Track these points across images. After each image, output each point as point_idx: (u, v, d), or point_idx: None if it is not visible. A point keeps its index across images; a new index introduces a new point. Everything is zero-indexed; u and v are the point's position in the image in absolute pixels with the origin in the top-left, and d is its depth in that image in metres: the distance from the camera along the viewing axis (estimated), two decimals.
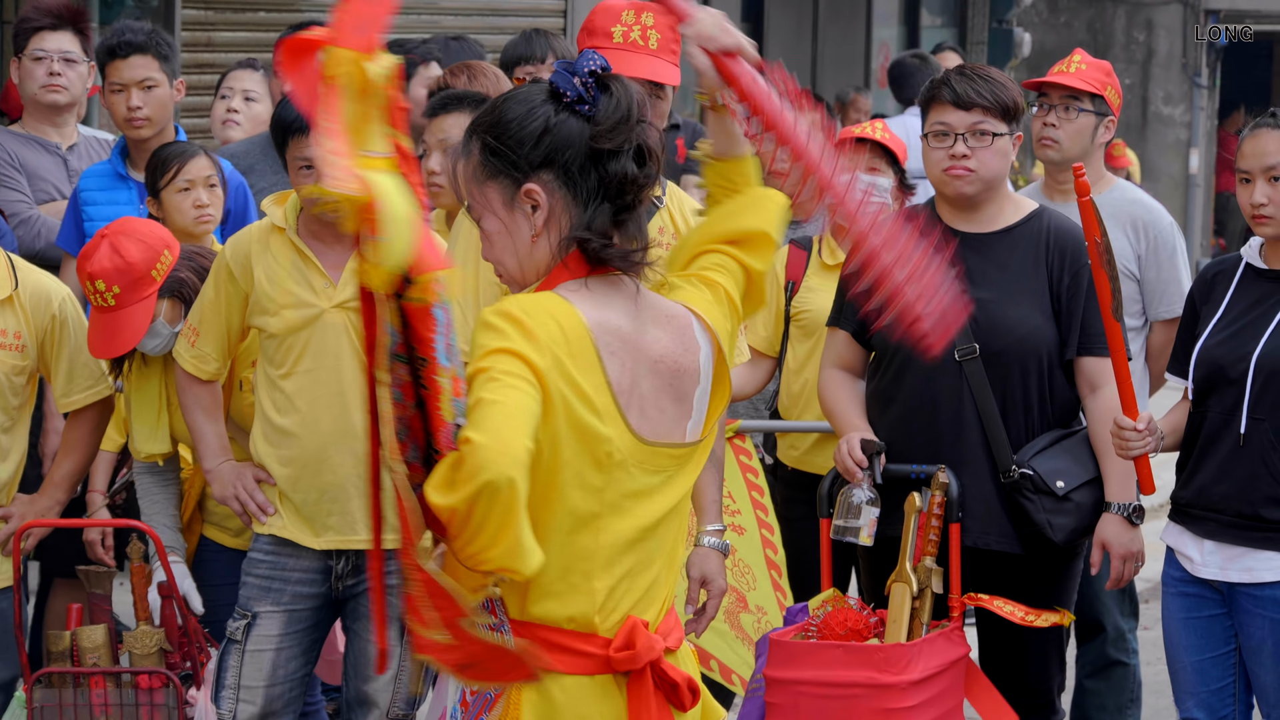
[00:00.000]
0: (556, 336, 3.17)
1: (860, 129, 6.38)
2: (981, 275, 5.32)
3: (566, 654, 3.27)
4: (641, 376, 3.28)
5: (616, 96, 3.26)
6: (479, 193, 3.32)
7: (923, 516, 5.24)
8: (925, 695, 5.12)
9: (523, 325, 3.15)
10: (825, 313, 5.80)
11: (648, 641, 3.29)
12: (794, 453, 6.30)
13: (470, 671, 3.24)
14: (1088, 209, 4.88)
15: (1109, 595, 6.39)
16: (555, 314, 3.19)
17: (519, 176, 3.26)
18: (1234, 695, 5.19)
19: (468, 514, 3.02)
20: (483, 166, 3.30)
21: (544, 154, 3.24)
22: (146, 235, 5.39)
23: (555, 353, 3.16)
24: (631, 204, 3.30)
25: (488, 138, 3.28)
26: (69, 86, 6.79)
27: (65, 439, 5.58)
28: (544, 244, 3.28)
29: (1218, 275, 5.27)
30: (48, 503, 5.50)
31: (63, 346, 5.44)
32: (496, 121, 3.28)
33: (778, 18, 14.74)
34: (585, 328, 3.21)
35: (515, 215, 3.29)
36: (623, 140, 3.25)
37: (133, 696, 5.28)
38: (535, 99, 3.27)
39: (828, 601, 5.38)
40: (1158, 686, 7.25)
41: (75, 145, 6.90)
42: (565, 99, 3.25)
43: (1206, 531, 5.15)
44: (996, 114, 5.29)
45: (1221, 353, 5.12)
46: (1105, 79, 6.43)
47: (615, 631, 3.29)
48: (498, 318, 3.16)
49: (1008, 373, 5.27)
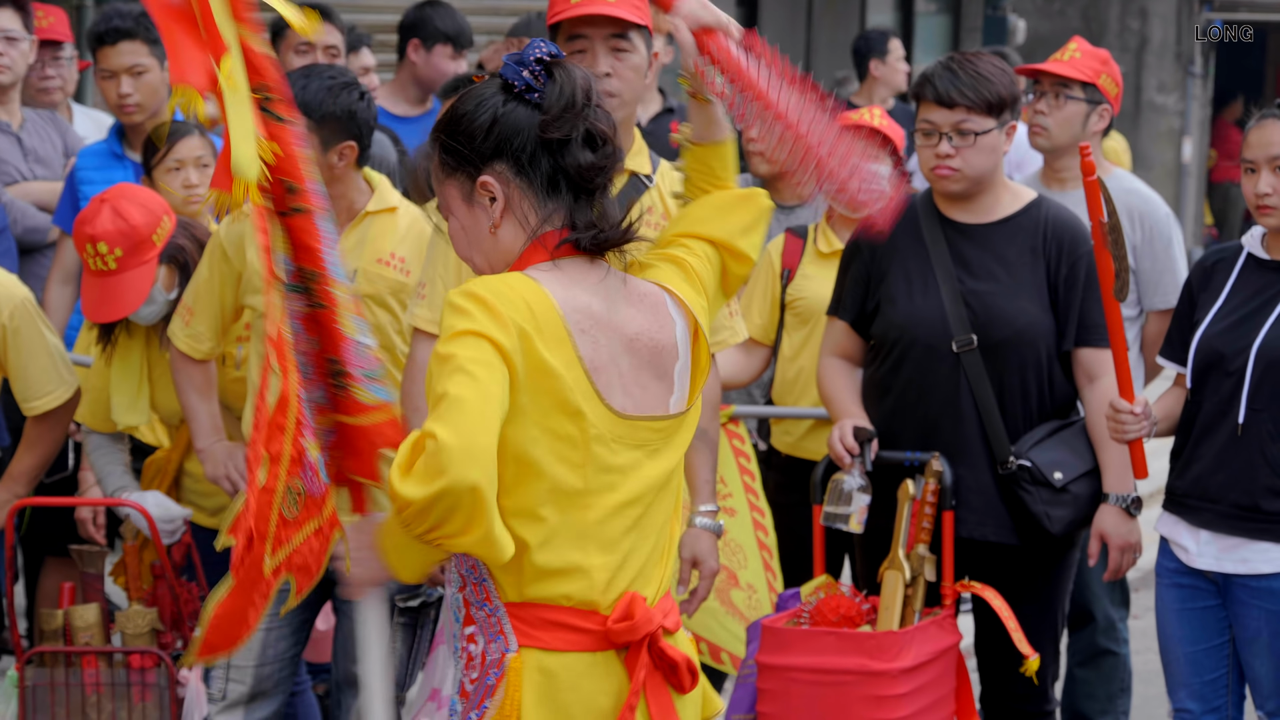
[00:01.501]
0: (524, 313, 3.20)
1: (858, 115, 6.38)
2: (979, 266, 5.32)
3: (566, 631, 3.30)
4: (618, 354, 3.31)
5: (560, 83, 3.29)
6: (441, 192, 3.38)
7: (916, 504, 5.25)
8: (916, 682, 5.13)
9: (487, 304, 3.18)
10: (820, 300, 5.80)
11: (646, 614, 3.32)
12: (788, 439, 6.30)
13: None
14: (1094, 188, 4.86)
15: (1099, 584, 6.40)
16: (523, 293, 3.22)
17: (473, 170, 3.30)
18: (1227, 686, 5.19)
19: (427, 509, 3.09)
20: (441, 166, 3.36)
21: (494, 144, 3.28)
22: (147, 200, 5.42)
23: (523, 327, 3.19)
24: (600, 187, 3.34)
25: (443, 136, 3.34)
26: (11, 66, 6.76)
27: (27, 435, 5.57)
28: (506, 233, 3.32)
29: (1218, 264, 5.26)
30: (4, 495, 5.49)
31: (17, 354, 5.43)
32: (450, 119, 3.34)
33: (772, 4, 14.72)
34: (554, 306, 3.24)
35: (474, 210, 3.33)
36: (570, 128, 3.28)
37: (124, 676, 5.28)
38: (486, 93, 3.31)
39: (820, 588, 5.38)
40: (1148, 675, 7.26)
41: (25, 123, 6.87)
42: (514, 89, 3.28)
43: (1202, 521, 5.15)
44: (981, 111, 5.26)
45: (1221, 342, 5.12)
46: (1100, 67, 6.42)
47: (612, 607, 3.32)
48: (463, 299, 3.20)
49: (1005, 364, 5.27)
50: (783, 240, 6.37)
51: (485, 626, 3.32)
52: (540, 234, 3.31)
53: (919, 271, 5.35)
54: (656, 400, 3.35)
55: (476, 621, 3.33)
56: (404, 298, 5.21)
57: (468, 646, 3.34)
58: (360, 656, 3.59)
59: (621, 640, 3.32)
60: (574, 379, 3.24)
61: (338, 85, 5.14)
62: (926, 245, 5.36)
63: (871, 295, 5.43)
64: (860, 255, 5.46)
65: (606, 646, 3.33)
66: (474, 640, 3.33)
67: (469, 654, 3.34)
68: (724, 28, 3.66)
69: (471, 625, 3.33)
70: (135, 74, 6.55)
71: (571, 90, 3.29)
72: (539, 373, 3.20)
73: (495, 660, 3.30)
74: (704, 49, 3.66)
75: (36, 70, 7.10)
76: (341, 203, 5.24)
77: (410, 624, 5.01)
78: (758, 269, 6.39)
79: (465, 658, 3.34)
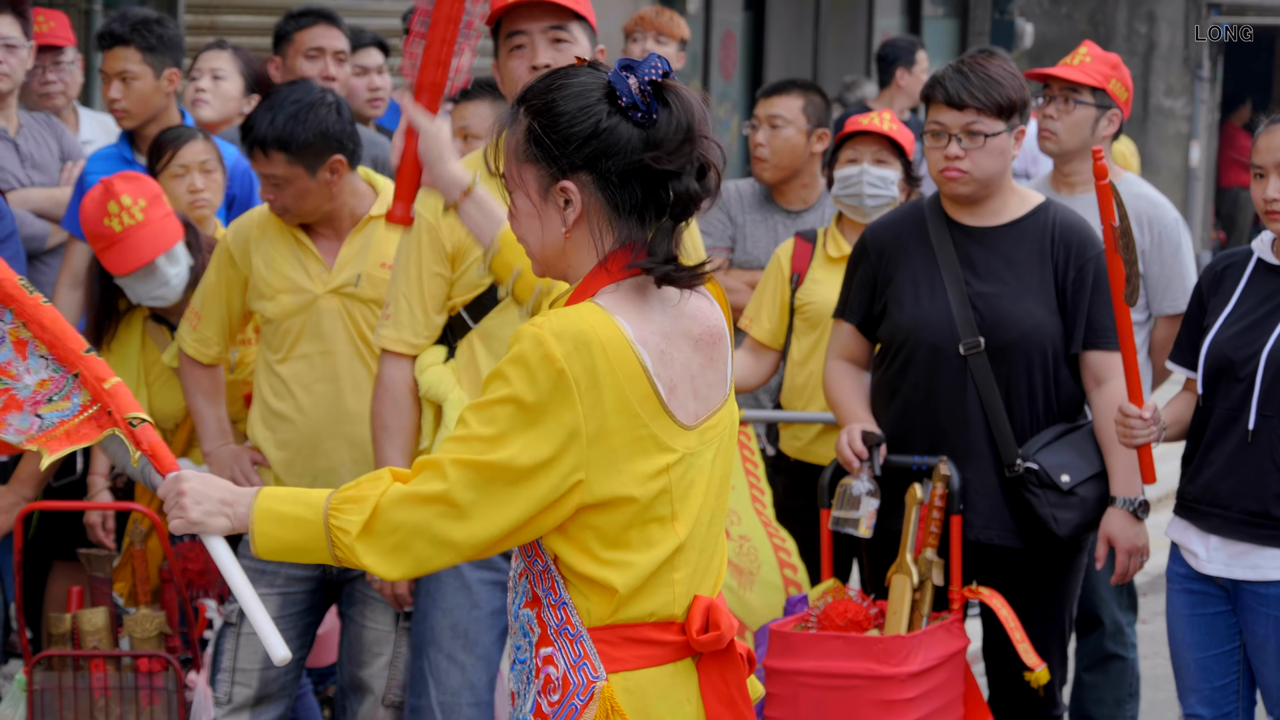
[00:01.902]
0: (600, 366, 3.14)
1: (868, 120, 6.37)
2: (987, 269, 5.32)
3: (649, 646, 3.25)
4: (689, 358, 3.26)
5: (677, 115, 3.17)
6: (516, 170, 3.26)
7: (924, 508, 5.24)
8: (924, 687, 5.13)
9: (562, 381, 3.12)
10: (830, 304, 5.80)
11: (729, 621, 3.28)
12: (796, 444, 6.31)
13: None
14: (1106, 192, 4.86)
15: (1107, 589, 6.39)
16: (598, 338, 3.15)
17: (557, 171, 3.20)
18: (1237, 692, 5.18)
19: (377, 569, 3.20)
20: (524, 148, 3.24)
21: (588, 156, 3.18)
22: (147, 180, 5.59)
23: (597, 380, 3.14)
24: (690, 216, 3.26)
25: (535, 124, 3.21)
26: (10, 72, 6.75)
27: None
28: (574, 239, 3.24)
29: (1228, 269, 5.25)
30: (12, 499, 5.52)
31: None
32: (547, 108, 3.21)
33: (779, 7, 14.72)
34: (626, 341, 3.17)
35: (548, 205, 3.24)
36: (685, 161, 3.18)
37: (132, 680, 5.29)
38: (590, 95, 3.18)
39: (828, 592, 5.38)
40: (1156, 680, 7.26)
41: (21, 129, 6.88)
42: (620, 102, 3.17)
43: (1212, 527, 5.14)
44: (991, 113, 5.26)
45: (1231, 348, 5.11)
46: (1110, 72, 6.41)
47: (685, 613, 3.27)
48: (540, 365, 3.13)
49: (1013, 367, 5.27)
50: (792, 244, 6.37)
51: (566, 651, 3.24)
52: (610, 254, 3.23)
53: (926, 274, 5.35)
54: (718, 392, 3.31)
55: (555, 644, 3.25)
56: None
57: (545, 668, 3.25)
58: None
59: (707, 651, 3.27)
60: (651, 412, 3.18)
61: (302, 109, 5.15)
62: (934, 248, 5.36)
63: (878, 298, 5.43)
64: (867, 258, 5.46)
65: (686, 655, 3.28)
66: (553, 663, 3.25)
67: (547, 676, 3.25)
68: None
69: (549, 647, 3.25)
70: (125, 80, 6.59)
71: (689, 121, 3.18)
72: (618, 418, 3.16)
73: (581, 686, 3.22)
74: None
75: (38, 75, 7.12)
76: (343, 211, 5.28)
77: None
78: (767, 273, 6.39)
79: (543, 679, 3.26)
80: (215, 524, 3.33)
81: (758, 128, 6.78)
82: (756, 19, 14.50)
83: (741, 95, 14.40)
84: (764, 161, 6.77)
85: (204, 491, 3.34)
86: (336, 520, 3.18)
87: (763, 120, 6.75)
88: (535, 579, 3.26)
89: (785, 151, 6.73)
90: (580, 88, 3.20)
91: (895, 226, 5.45)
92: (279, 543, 3.24)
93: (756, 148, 6.76)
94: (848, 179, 6.26)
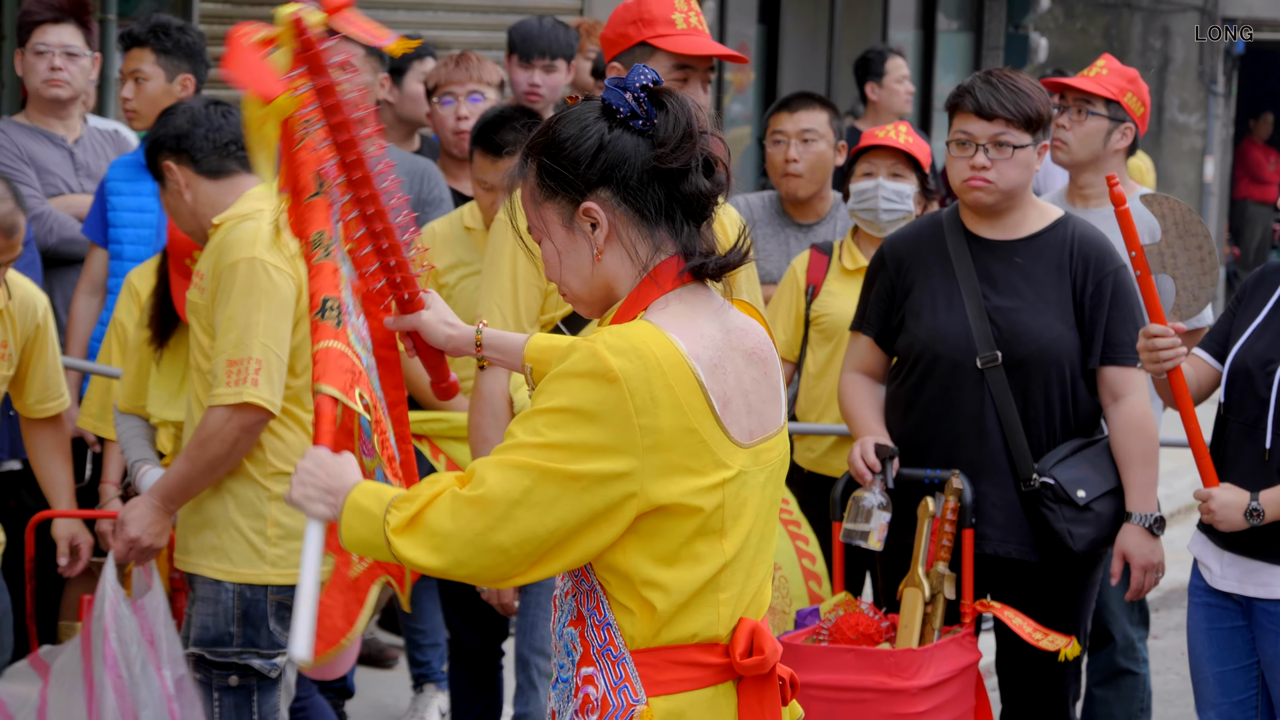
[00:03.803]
0: (656, 381, 3.13)
1: (883, 133, 6.36)
2: (1005, 283, 5.31)
3: (692, 669, 3.24)
4: (743, 372, 3.26)
5: (674, 113, 3.22)
6: (537, 215, 3.29)
7: (936, 521, 5.24)
8: (935, 701, 5.12)
9: (617, 392, 3.11)
10: (845, 317, 5.80)
11: (773, 646, 3.27)
12: (810, 455, 6.30)
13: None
14: (1126, 218, 4.88)
15: (1119, 604, 6.38)
16: (657, 359, 3.14)
17: (576, 196, 3.23)
18: (1256, 708, 5.16)
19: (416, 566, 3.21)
20: (540, 188, 3.27)
21: (600, 172, 3.21)
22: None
23: (653, 394, 3.12)
24: (712, 213, 3.28)
25: (543, 159, 3.25)
26: (71, 81, 6.78)
27: (49, 446, 5.69)
28: (610, 261, 3.25)
29: (1265, 278, 5.22)
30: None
31: (42, 354, 5.57)
32: (551, 142, 3.25)
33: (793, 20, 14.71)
34: (682, 358, 3.16)
35: (575, 235, 3.25)
36: (688, 158, 3.21)
37: None
38: (588, 117, 3.24)
39: (839, 605, 5.38)
40: (1168, 696, 7.24)
41: (81, 138, 6.90)
42: (619, 115, 3.21)
43: (1227, 543, 5.13)
44: (1019, 125, 5.26)
45: (1254, 361, 5.09)
46: (1126, 85, 6.42)
47: (730, 635, 3.26)
48: (594, 376, 3.12)
49: (1030, 381, 5.27)
50: (807, 257, 6.36)
51: (607, 672, 3.23)
52: (653, 265, 3.24)
53: (944, 287, 5.35)
54: (773, 409, 3.32)
55: (597, 664, 3.24)
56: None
57: (584, 688, 3.25)
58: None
59: (751, 674, 3.26)
60: (708, 430, 3.17)
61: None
62: (952, 261, 5.35)
63: (896, 311, 5.43)
64: (885, 270, 5.46)
65: (728, 679, 3.27)
66: (593, 683, 3.24)
67: (586, 695, 3.25)
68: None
69: (590, 666, 3.24)
70: (138, 80, 6.61)
71: (687, 119, 3.22)
72: (677, 439, 3.14)
73: (621, 708, 3.21)
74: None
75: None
76: None
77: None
78: (782, 285, 6.39)
79: (581, 698, 3.25)
80: (314, 510, 3.32)
81: (783, 142, 6.72)
82: (771, 31, 14.49)
83: (755, 107, 14.40)
84: (799, 177, 6.68)
85: (312, 472, 3.33)
86: (390, 516, 3.18)
87: (792, 135, 6.68)
88: (583, 598, 3.25)
89: (819, 166, 6.69)
90: (577, 114, 3.26)
91: (913, 239, 5.45)
92: (355, 535, 3.24)
93: (789, 163, 6.66)
94: (863, 193, 6.25)
